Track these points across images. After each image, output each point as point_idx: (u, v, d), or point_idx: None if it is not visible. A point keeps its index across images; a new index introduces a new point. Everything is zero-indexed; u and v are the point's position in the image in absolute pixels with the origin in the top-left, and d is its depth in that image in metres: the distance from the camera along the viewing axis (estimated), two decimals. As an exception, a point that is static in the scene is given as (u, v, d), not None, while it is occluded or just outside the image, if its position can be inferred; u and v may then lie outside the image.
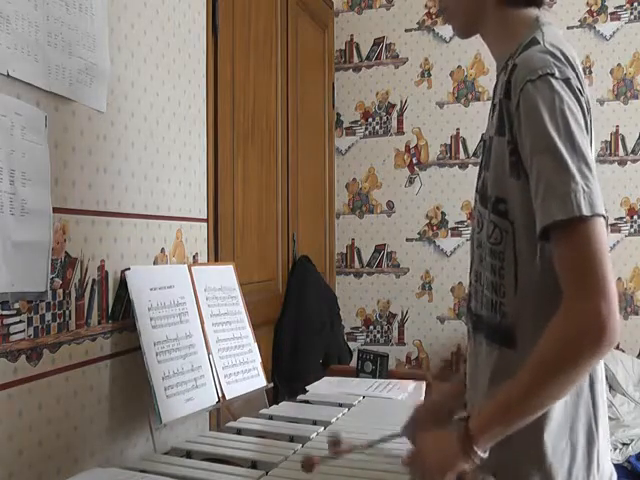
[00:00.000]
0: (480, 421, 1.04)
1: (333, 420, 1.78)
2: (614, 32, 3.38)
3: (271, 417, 1.86)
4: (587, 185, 0.96)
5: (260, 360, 2.08)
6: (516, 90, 1.03)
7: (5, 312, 1.36)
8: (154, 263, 1.90)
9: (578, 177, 0.96)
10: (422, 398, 2.11)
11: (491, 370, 1.12)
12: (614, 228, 3.36)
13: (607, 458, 1.12)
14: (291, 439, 1.64)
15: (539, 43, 1.06)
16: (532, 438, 1.06)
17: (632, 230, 3.35)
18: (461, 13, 1.22)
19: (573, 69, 1.04)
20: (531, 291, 1.07)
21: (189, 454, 1.56)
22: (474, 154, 3.51)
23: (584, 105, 1.03)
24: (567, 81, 1.02)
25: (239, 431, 1.74)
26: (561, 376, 0.97)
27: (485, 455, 1.03)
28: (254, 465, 1.47)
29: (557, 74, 1.01)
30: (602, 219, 0.97)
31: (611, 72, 3.38)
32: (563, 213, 0.96)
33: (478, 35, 1.25)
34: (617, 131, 3.37)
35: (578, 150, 0.98)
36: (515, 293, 1.09)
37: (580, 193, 0.95)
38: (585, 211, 0.95)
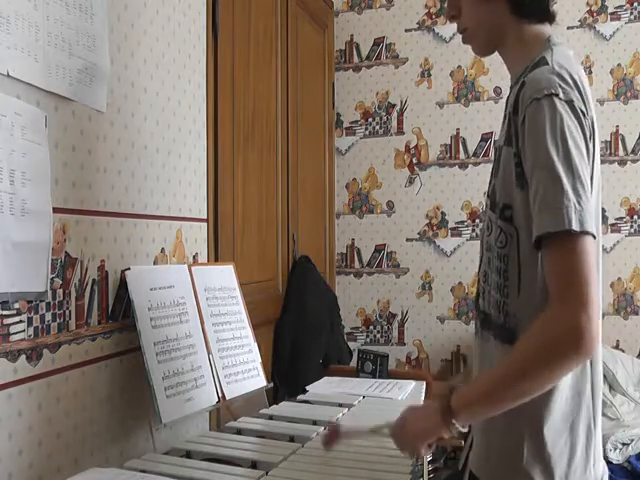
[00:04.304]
0: (462, 399, 1.13)
1: (333, 420, 1.78)
2: (614, 32, 3.38)
3: (271, 417, 1.86)
4: (579, 203, 1.02)
5: (260, 360, 2.08)
6: (523, 107, 1.10)
7: (5, 312, 1.36)
8: (154, 263, 1.90)
9: (571, 194, 1.02)
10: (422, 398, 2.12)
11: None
12: (614, 228, 3.36)
13: (601, 456, 1.19)
14: (291, 439, 1.64)
15: (548, 64, 1.12)
16: (532, 430, 1.13)
17: (632, 230, 3.35)
18: (481, 32, 1.27)
19: (579, 91, 1.10)
20: (533, 293, 1.13)
21: (189, 454, 1.56)
22: (474, 154, 3.52)
23: (586, 126, 1.09)
24: (570, 103, 1.07)
25: (239, 431, 1.74)
26: (535, 375, 1.04)
27: (464, 429, 1.12)
28: (254, 465, 1.47)
29: (561, 95, 1.07)
30: (591, 237, 1.03)
31: (611, 72, 3.38)
32: (554, 226, 1.02)
33: None
34: (617, 131, 3.37)
35: (574, 169, 1.04)
36: (518, 295, 1.15)
37: (572, 209, 1.01)
38: (575, 226, 1.01)
